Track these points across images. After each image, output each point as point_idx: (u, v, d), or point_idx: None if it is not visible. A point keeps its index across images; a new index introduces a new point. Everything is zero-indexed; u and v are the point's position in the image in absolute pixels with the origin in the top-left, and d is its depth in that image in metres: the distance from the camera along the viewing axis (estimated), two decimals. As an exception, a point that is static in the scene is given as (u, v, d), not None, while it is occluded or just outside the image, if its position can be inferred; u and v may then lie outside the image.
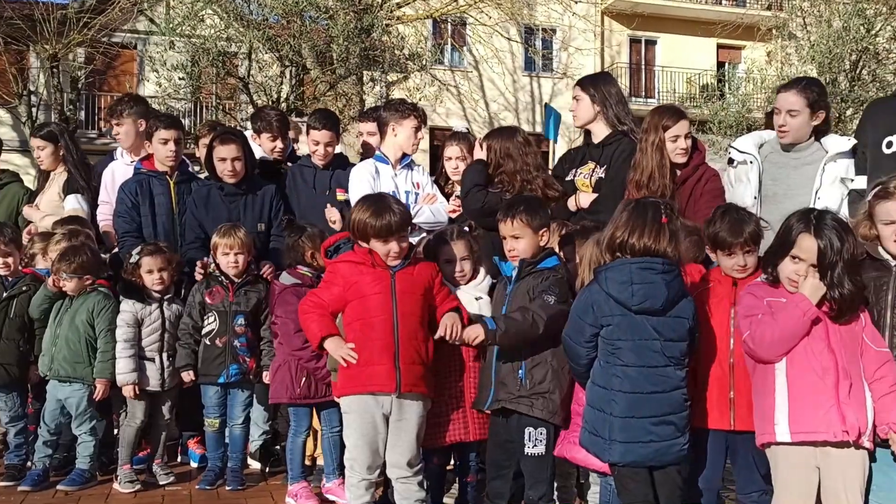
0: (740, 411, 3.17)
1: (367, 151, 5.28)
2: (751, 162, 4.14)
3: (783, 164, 4.14)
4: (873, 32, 10.45)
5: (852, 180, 4.02)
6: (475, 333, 3.38)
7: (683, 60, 22.53)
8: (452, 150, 4.91)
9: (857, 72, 10.33)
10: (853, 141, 4.14)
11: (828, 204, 3.74)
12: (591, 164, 4.60)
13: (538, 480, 3.44)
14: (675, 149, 4.18)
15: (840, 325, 2.95)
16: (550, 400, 3.38)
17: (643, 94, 22.67)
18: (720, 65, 22.86)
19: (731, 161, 4.26)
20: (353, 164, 5.00)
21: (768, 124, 4.47)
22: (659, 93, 22.83)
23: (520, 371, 3.43)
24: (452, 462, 3.91)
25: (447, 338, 3.44)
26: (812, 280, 2.91)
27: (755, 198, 4.05)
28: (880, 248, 3.08)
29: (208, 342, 4.41)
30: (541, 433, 3.42)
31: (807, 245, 2.95)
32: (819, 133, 4.15)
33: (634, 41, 23.30)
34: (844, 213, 3.77)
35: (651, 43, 23.40)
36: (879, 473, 2.98)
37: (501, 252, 3.66)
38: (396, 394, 3.41)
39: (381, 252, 3.47)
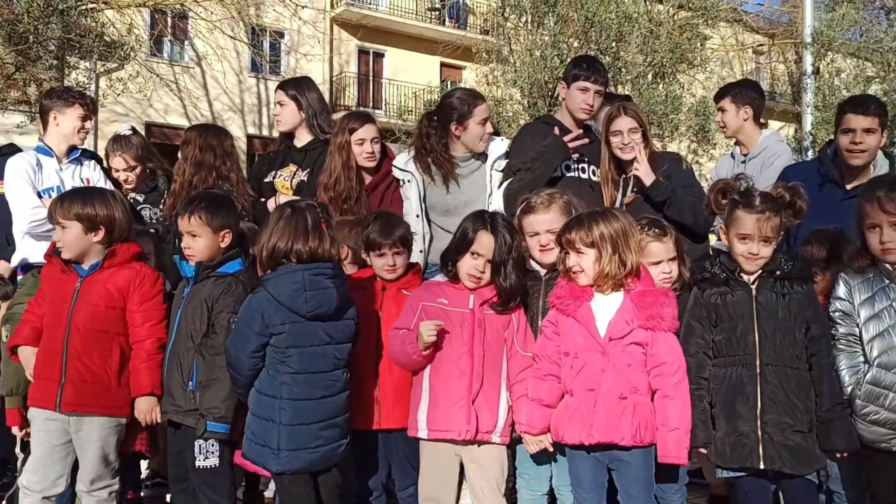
0: (386, 410, 3.31)
1: None
2: (409, 181, 4.23)
3: (463, 175, 4.30)
4: (566, 62, 11.74)
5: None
6: None
7: (410, 75, 23.35)
8: (117, 162, 4.67)
9: (554, 97, 11.40)
10: (506, 141, 4.43)
11: (499, 205, 3.97)
12: (292, 167, 4.58)
13: (217, 494, 3.29)
14: (361, 152, 4.24)
15: (487, 332, 3.16)
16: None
17: (371, 104, 23.14)
18: (444, 82, 23.99)
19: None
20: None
21: None
22: (387, 104, 23.45)
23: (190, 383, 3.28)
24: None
25: None
26: (424, 328, 3.06)
27: (417, 216, 4.15)
28: (531, 260, 3.35)
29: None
30: (212, 444, 3.28)
31: (485, 241, 3.15)
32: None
33: (363, 52, 23.74)
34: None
35: (379, 55, 23.98)
36: (525, 463, 3.24)
37: None
38: (57, 411, 3.21)
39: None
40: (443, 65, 23.48)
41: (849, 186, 4.02)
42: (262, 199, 4.50)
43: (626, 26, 11.12)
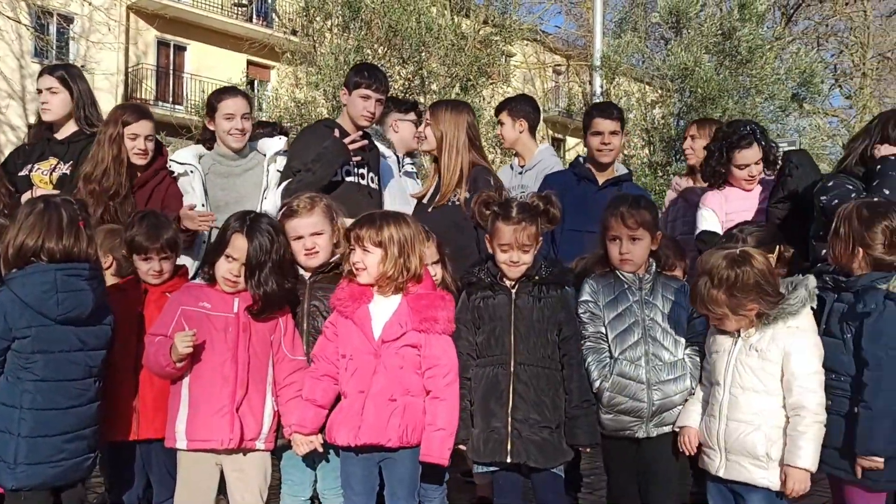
0: (145, 420, 3.18)
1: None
2: (191, 172, 4.17)
3: (228, 173, 4.26)
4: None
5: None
6: None
7: (214, 71, 22.50)
8: None
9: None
10: (283, 139, 4.47)
11: (274, 204, 3.91)
12: (52, 160, 4.30)
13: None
14: (133, 147, 4.08)
15: (252, 337, 3.10)
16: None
17: (171, 99, 22.08)
18: (251, 81, 23.36)
19: (171, 173, 4.25)
20: None
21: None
22: (187, 100, 22.45)
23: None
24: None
25: None
26: (179, 340, 2.95)
27: (203, 205, 4.10)
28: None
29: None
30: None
31: (239, 244, 3.06)
32: (252, 138, 4.38)
33: (164, 44, 22.62)
34: None
35: (181, 48, 22.95)
36: (289, 468, 3.20)
37: None
38: None
39: None
40: (250, 63, 22.86)
41: (601, 181, 4.54)
42: (18, 195, 4.16)
43: (429, 37, 11.36)
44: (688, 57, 11.98)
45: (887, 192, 3.52)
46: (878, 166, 3.66)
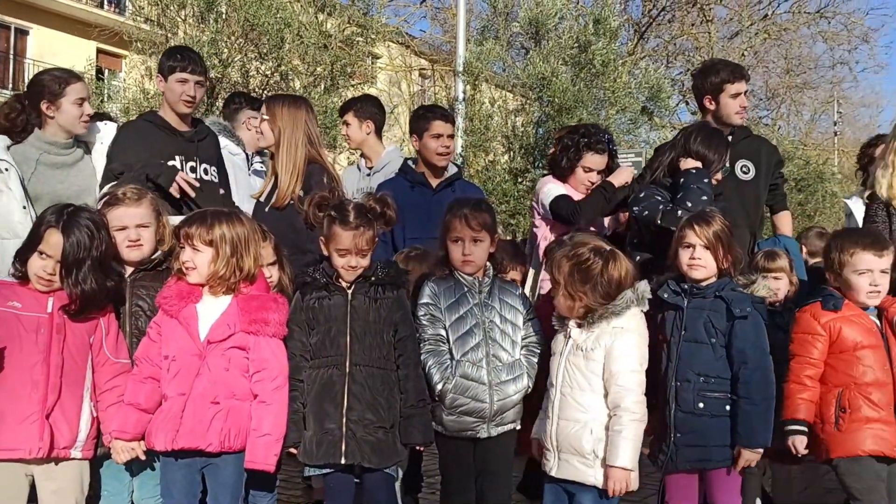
0: None
1: None
2: (7, 169, 3.77)
3: (62, 164, 3.96)
4: (227, 62, 11.58)
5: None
6: None
7: (60, 58, 21.15)
8: None
9: (215, 94, 11.07)
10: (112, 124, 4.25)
11: None
12: None
13: None
14: None
15: (68, 339, 2.92)
16: None
17: (11, 85, 20.62)
18: (99, 70, 22.15)
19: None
20: None
21: None
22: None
23: None
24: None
25: None
26: None
27: (24, 207, 3.72)
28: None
29: None
30: None
31: (53, 241, 2.88)
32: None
33: (3, 27, 21.10)
34: None
35: (23, 32, 21.48)
36: (107, 477, 3.03)
37: None
38: None
39: None
40: (100, 51, 21.68)
41: (434, 185, 4.53)
42: None
43: (288, 33, 11.14)
44: (546, 67, 12.35)
45: (689, 204, 3.77)
46: (682, 179, 3.90)
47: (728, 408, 3.09)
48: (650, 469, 3.32)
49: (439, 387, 3.19)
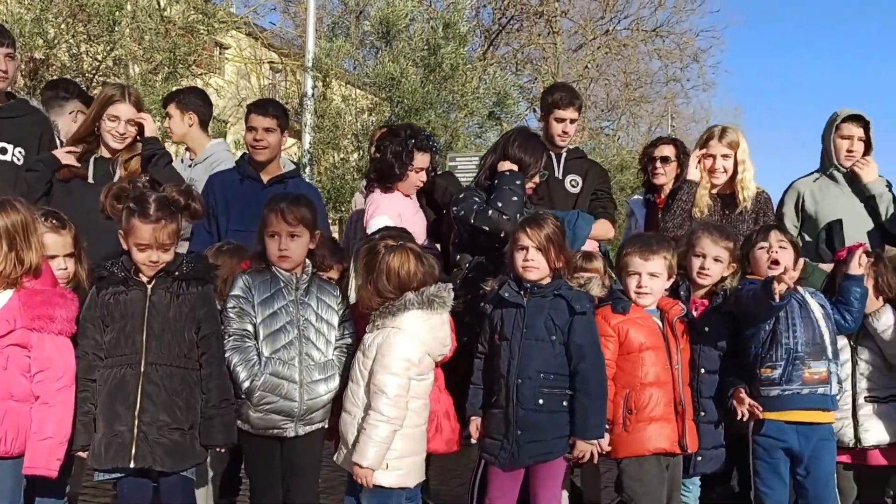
0: None
1: None
2: None
3: None
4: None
5: None
6: None
7: None
8: None
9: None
10: None
11: None
12: None
13: None
14: None
15: None
16: None
17: None
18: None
19: None
20: None
21: None
22: None
23: None
24: None
25: None
26: None
27: None
28: None
29: None
30: None
31: None
32: None
33: None
34: None
35: None
36: None
37: None
38: None
39: None
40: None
41: (265, 179, 4.45)
42: None
43: (121, 16, 10.55)
44: (395, 67, 12.39)
45: (500, 204, 3.90)
46: (496, 180, 4.02)
47: (565, 403, 3.20)
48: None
49: (246, 384, 3.11)
